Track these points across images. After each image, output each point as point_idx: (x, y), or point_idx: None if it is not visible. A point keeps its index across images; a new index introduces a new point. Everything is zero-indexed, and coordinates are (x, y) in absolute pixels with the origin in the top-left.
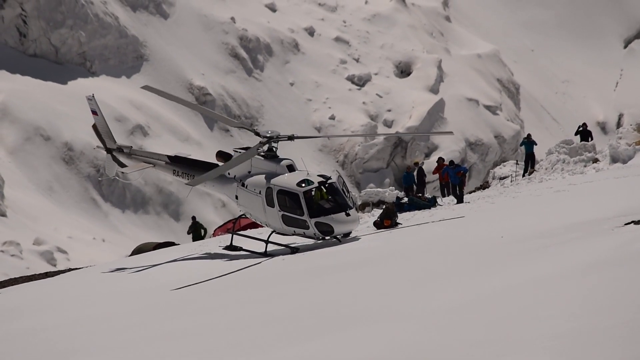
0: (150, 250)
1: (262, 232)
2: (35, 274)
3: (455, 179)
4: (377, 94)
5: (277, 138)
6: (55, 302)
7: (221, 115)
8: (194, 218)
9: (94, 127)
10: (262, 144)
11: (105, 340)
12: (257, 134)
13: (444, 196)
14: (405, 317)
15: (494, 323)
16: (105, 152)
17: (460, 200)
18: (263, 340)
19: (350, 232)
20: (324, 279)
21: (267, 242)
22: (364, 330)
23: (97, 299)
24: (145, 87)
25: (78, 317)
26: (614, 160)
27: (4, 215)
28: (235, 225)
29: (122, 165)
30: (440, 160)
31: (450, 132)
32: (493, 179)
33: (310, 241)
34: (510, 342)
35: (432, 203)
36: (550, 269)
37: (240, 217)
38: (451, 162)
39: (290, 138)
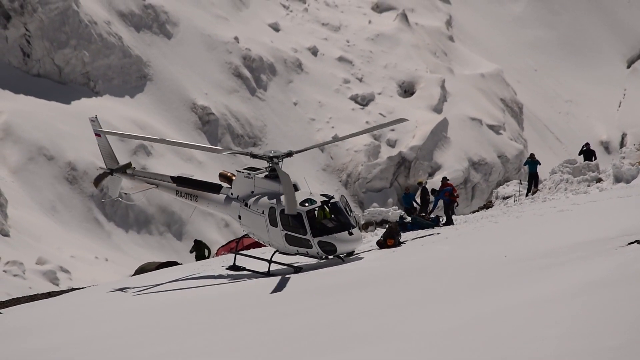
0: (153, 270)
1: (265, 252)
2: (37, 294)
3: (446, 199)
4: (380, 114)
5: (282, 156)
6: (60, 322)
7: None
8: (196, 241)
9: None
10: (275, 163)
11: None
12: (255, 156)
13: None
14: (406, 338)
15: (493, 343)
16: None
17: (447, 221)
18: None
19: (353, 251)
20: (326, 298)
21: (270, 261)
22: (365, 350)
23: (101, 318)
24: (97, 131)
25: (82, 337)
26: (618, 179)
27: (7, 235)
28: (238, 245)
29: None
30: (444, 179)
31: (405, 120)
32: (496, 198)
33: (314, 260)
34: None
35: (435, 223)
36: (553, 288)
37: (243, 236)
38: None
39: (289, 154)
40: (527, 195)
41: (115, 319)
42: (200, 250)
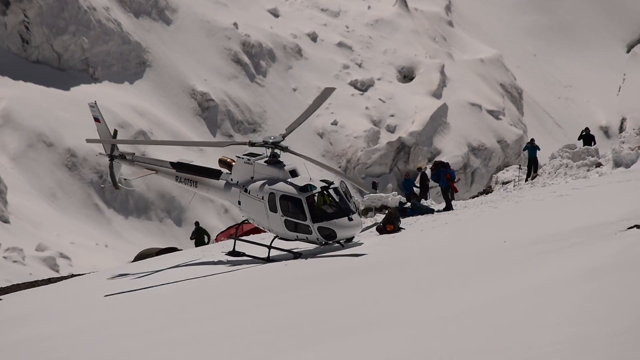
0: (153, 256)
1: (265, 238)
2: (38, 280)
3: (443, 182)
4: (380, 99)
5: (275, 145)
6: (59, 309)
7: (204, 142)
8: (197, 223)
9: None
10: (271, 147)
11: (109, 347)
12: (254, 144)
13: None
14: (407, 324)
15: (495, 330)
16: (107, 159)
17: (447, 206)
18: (265, 347)
19: (353, 237)
20: (326, 285)
21: (269, 247)
22: (366, 337)
23: (101, 305)
24: (89, 140)
25: (82, 324)
26: (617, 164)
27: (6, 221)
28: (237, 231)
29: (114, 179)
30: (448, 164)
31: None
32: (496, 183)
33: (313, 246)
34: (512, 349)
35: (430, 212)
36: (553, 274)
37: (242, 222)
38: (439, 163)
39: (284, 149)
40: (526, 180)
41: (113, 307)
42: (199, 236)
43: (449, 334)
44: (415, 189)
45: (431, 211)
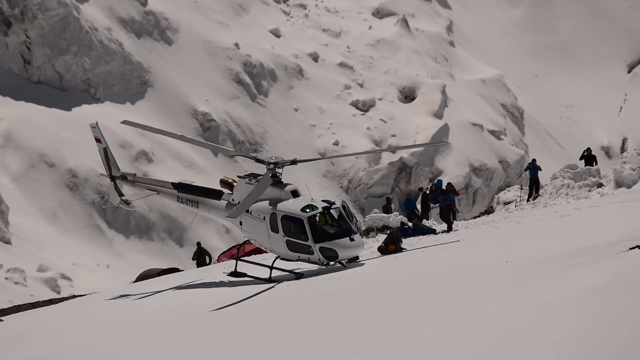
0: (154, 277)
1: (267, 258)
2: (39, 301)
3: (441, 204)
4: (381, 119)
5: (282, 163)
6: (62, 329)
7: (216, 146)
8: (198, 244)
9: (104, 151)
10: (270, 170)
11: None
12: (260, 160)
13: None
14: (409, 344)
15: (495, 349)
16: (109, 180)
17: (448, 228)
18: None
19: (355, 257)
20: (328, 305)
21: (271, 267)
22: (368, 356)
23: (103, 326)
24: (125, 122)
25: (84, 344)
26: (619, 184)
27: (8, 242)
28: (239, 251)
29: (121, 194)
30: (449, 185)
31: (445, 142)
32: (497, 203)
33: (315, 266)
34: None
35: (432, 232)
36: (554, 294)
37: (244, 243)
38: (435, 187)
39: (294, 162)
40: (528, 200)
41: (116, 327)
42: (201, 257)
43: (449, 354)
44: (416, 210)
45: (433, 231)
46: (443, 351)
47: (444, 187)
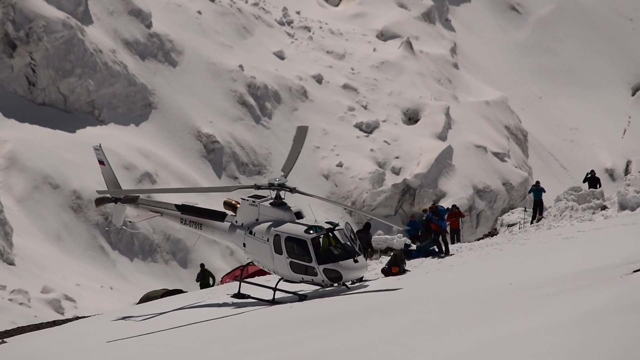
0: (158, 298)
1: (270, 280)
2: (43, 323)
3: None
4: (385, 141)
5: (281, 187)
6: (65, 351)
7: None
8: (202, 265)
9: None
10: (277, 189)
11: None
12: (260, 187)
13: (452, 243)
14: None
15: None
16: (112, 202)
17: (445, 250)
18: None
19: (361, 279)
20: (332, 327)
21: (275, 289)
22: None
23: (104, 348)
24: (99, 192)
25: None
26: (623, 207)
27: (12, 263)
28: (243, 273)
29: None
30: (454, 207)
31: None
32: (501, 226)
33: (319, 288)
34: None
35: (436, 254)
36: (557, 316)
37: (248, 264)
38: (428, 210)
39: (292, 191)
40: (532, 222)
41: (118, 349)
42: (204, 279)
43: None
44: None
45: (436, 253)
46: None
47: (445, 209)
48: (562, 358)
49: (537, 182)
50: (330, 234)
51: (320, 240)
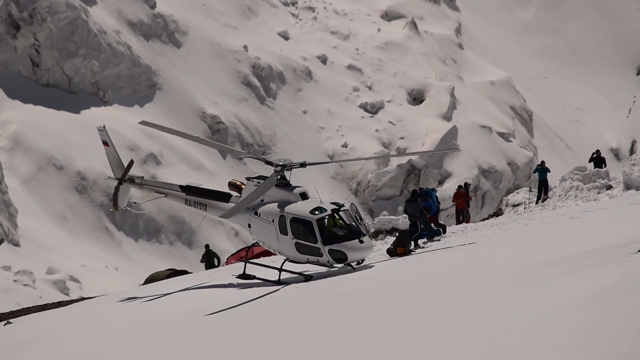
0: (163, 279)
1: (275, 260)
2: (48, 304)
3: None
4: (389, 122)
5: (291, 166)
6: (70, 332)
7: (229, 147)
8: (207, 246)
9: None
10: (277, 172)
11: None
12: (269, 162)
13: (458, 222)
14: (416, 347)
15: (502, 352)
16: (116, 183)
17: (431, 232)
18: None
19: (363, 260)
20: (337, 307)
21: (280, 270)
22: (376, 359)
23: (111, 328)
24: (143, 123)
25: (92, 348)
26: (628, 187)
27: (17, 244)
28: (248, 254)
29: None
30: (460, 187)
31: (457, 149)
32: (506, 206)
33: (324, 269)
34: None
35: (440, 234)
36: (562, 296)
37: (253, 245)
38: (416, 191)
39: (303, 165)
40: (537, 202)
41: (124, 330)
42: (210, 259)
43: (456, 357)
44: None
45: (439, 232)
46: (449, 354)
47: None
48: (569, 338)
49: (542, 162)
50: (335, 214)
51: (326, 220)
